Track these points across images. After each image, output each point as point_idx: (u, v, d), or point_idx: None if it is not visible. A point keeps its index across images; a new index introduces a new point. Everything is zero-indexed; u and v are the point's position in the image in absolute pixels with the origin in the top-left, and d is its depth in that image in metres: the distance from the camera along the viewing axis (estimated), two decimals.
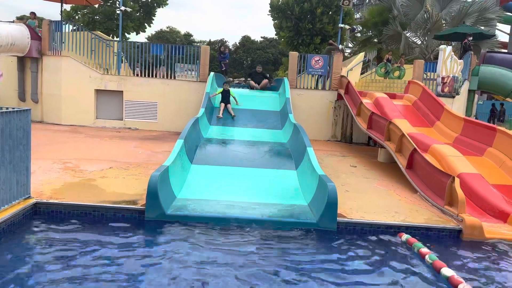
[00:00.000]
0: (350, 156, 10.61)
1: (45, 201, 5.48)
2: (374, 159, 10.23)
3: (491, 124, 9.05)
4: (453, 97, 13.47)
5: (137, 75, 13.55)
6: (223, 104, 11.54)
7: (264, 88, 13.05)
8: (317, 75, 13.78)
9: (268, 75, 13.60)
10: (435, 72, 13.44)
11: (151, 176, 5.51)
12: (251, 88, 13.11)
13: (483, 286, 4.22)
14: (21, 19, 19.43)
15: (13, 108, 5.05)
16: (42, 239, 4.73)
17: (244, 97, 12.24)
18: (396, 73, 15.89)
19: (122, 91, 13.18)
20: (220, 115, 11.21)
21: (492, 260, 4.98)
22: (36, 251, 4.38)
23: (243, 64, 49.66)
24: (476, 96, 17.33)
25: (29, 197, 5.45)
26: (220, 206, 5.92)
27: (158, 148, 9.87)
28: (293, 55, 13.36)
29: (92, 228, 5.13)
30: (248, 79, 14.06)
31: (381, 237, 5.42)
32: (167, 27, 50.69)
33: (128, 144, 10.28)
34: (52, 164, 7.48)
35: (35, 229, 5.05)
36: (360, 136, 13.19)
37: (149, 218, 5.42)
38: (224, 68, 16.16)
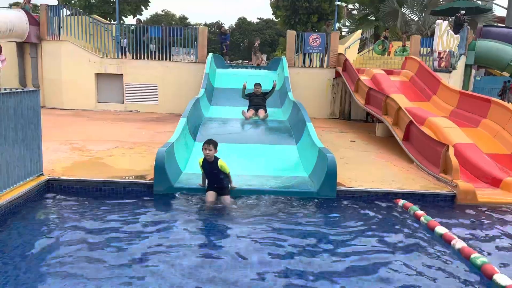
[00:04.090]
0: (348, 132, 10.85)
1: (57, 177, 5.72)
2: (372, 134, 10.47)
3: (486, 96, 9.25)
4: (450, 72, 13.61)
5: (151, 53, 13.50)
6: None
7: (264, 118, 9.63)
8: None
9: (270, 94, 10.10)
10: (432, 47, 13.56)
11: (158, 151, 5.74)
12: (246, 118, 9.56)
13: (475, 242, 4.49)
14: (16, 5, 19.37)
15: (23, 89, 5.24)
16: (56, 213, 4.98)
17: (239, 76, 12.36)
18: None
19: (122, 74, 13.31)
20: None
21: (483, 221, 5.27)
22: (51, 224, 4.59)
23: (240, 46, 49.45)
24: (473, 71, 17.44)
25: (41, 175, 5.69)
26: None
27: (160, 129, 10.08)
28: (291, 34, 13.45)
29: (104, 202, 5.35)
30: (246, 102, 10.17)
31: (379, 203, 5.69)
32: (162, 11, 50.31)
33: (131, 126, 10.49)
34: (59, 145, 7.71)
35: (49, 204, 5.29)
36: (359, 113, 13.39)
37: (158, 191, 5.67)
38: (225, 50, 16.16)
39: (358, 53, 19.56)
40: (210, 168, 5.50)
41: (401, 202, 5.61)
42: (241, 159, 7.19)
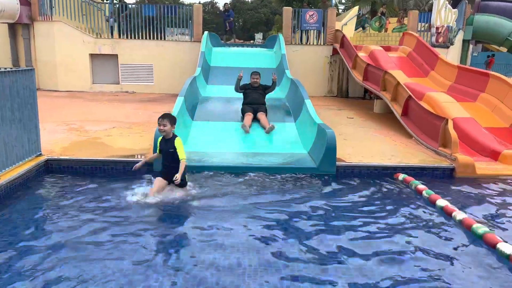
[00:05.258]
0: (346, 109, 10.82)
1: (56, 157, 5.69)
2: (370, 111, 10.45)
3: (484, 70, 9.21)
4: (448, 47, 13.52)
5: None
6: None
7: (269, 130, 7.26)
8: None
9: (270, 90, 8.19)
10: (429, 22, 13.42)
11: (156, 131, 5.68)
12: (246, 131, 7.19)
13: (475, 213, 4.53)
14: None
15: (18, 68, 5.16)
16: (56, 193, 4.93)
17: (236, 54, 12.23)
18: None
19: (117, 55, 13.13)
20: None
21: (483, 193, 5.30)
22: (51, 204, 4.56)
23: (235, 26, 48.76)
24: (471, 46, 17.32)
25: (40, 155, 5.66)
26: (224, 157, 6.17)
27: (157, 109, 9.97)
28: (287, 11, 13.25)
29: (104, 181, 5.33)
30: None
31: (379, 178, 5.71)
32: None
33: (127, 106, 10.41)
34: (56, 126, 7.65)
35: (49, 184, 5.25)
36: (356, 90, 13.33)
37: (157, 169, 5.65)
38: (228, 28, 15.75)
39: (355, 30, 19.35)
40: (166, 147, 4.76)
41: (401, 176, 5.63)
42: (240, 137, 7.18)
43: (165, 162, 4.81)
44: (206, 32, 13.07)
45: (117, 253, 3.44)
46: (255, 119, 7.56)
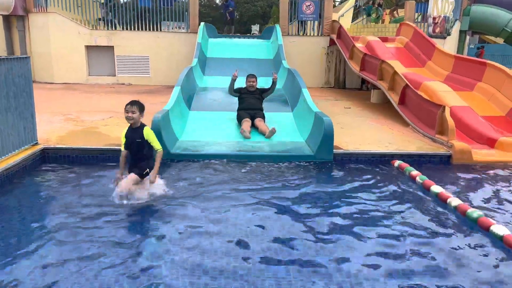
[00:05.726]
0: (343, 100, 10.81)
1: (52, 146, 5.67)
2: (367, 101, 10.45)
3: (481, 59, 9.20)
4: (444, 38, 13.49)
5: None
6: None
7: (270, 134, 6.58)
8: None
9: (269, 92, 7.50)
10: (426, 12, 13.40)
11: (153, 117, 5.68)
12: (244, 134, 6.55)
13: (471, 199, 4.56)
14: None
15: (12, 56, 5.12)
16: (52, 182, 4.91)
17: (233, 45, 12.17)
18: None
19: (113, 46, 13.04)
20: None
21: (479, 179, 5.33)
22: (47, 193, 4.53)
23: (236, 17, 48.50)
24: (468, 37, 17.29)
25: (36, 144, 5.64)
26: (221, 145, 6.16)
27: (154, 101, 9.94)
28: (284, 1, 13.18)
29: (101, 170, 5.32)
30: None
31: (376, 165, 5.73)
32: None
33: (124, 97, 10.31)
34: (53, 117, 7.61)
35: (45, 172, 5.23)
36: (353, 81, 13.32)
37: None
38: (229, 18, 15.53)
39: (352, 22, 19.28)
40: (133, 137, 4.25)
41: (396, 163, 5.64)
42: (237, 126, 7.16)
43: (132, 154, 4.29)
44: (202, 23, 12.99)
45: (111, 239, 3.44)
46: (253, 126, 6.88)
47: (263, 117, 7.10)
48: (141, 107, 4.26)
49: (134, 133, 4.25)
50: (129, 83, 13.23)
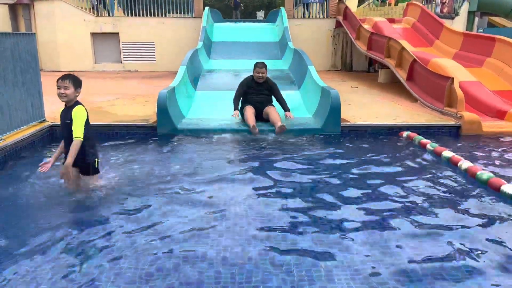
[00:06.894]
0: (351, 81, 10.72)
1: None
2: (375, 82, 10.35)
3: (490, 35, 9.05)
4: (452, 18, 13.29)
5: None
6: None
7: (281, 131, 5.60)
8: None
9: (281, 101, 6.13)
10: None
11: (160, 93, 5.68)
12: (251, 132, 5.64)
13: (480, 165, 4.49)
14: None
15: (18, 32, 5.13)
16: (61, 156, 4.92)
17: (238, 29, 12.11)
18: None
19: (118, 33, 13.06)
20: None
21: (488, 147, 5.26)
22: (54, 168, 4.53)
23: (241, 4, 48.23)
24: (476, 18, 17.01)
25: (44, 120, 5.67)
26: (228, 121, 6.13)
27: (161, 84, 9.90)
28: None
29: (109, 145, 5.33)
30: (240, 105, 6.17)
31: (384, 136, 5.68)
32: None
33: (130, 82, 10.40)
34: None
35: (53, 147, 5.24)
36: (360, 63, 13.21)
37: (161, 132, 5.66)
38: (233, 4, 15.46)
39: (358, 6, 19.08)
40: (64, 118, 3.53)
41: (405, 134, 5.59)
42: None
43: (64, 139, 3.57)
44: (207, 8, 12.95)
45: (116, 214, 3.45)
46: (261, 121, 5.89)
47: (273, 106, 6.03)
48: (76, 82, 3.48)
49: (65, 113, 3.50)
50: (135, 69, 13.25)
